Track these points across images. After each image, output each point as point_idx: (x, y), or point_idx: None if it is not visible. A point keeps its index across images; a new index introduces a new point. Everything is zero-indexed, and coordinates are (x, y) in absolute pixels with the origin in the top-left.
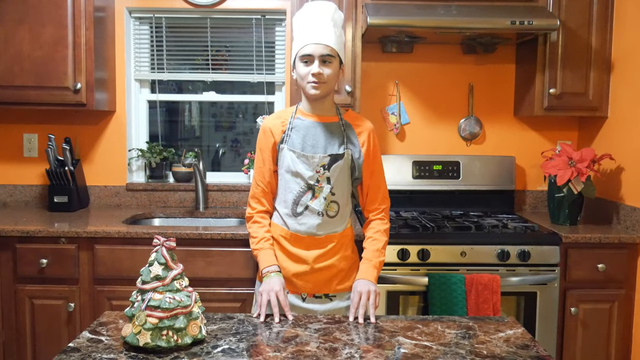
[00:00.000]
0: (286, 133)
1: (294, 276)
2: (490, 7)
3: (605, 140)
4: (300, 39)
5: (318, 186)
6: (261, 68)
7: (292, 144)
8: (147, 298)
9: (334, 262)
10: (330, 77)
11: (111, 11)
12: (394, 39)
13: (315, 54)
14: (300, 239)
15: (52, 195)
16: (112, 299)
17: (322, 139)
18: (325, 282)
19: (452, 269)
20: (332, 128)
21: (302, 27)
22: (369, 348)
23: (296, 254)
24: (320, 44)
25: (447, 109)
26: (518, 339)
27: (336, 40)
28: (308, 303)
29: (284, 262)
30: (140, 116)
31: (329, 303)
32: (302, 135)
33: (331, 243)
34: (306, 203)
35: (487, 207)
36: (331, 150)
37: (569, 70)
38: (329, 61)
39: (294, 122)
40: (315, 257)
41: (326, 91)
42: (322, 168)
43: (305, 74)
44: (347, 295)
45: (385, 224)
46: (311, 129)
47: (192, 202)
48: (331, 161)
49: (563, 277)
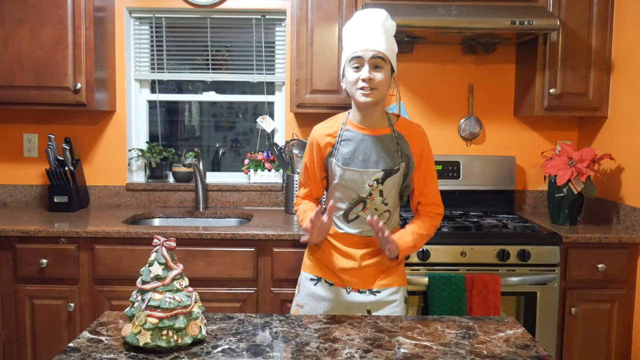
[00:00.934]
0: (335, 146)
1: (341, 271)
2: (490, 7)
3: (605, 140)
4: (351, 44)
5: (370, 199)
6: (261, 68)
7: (341, 158)
8: (147, 298)
9: (381, 259)
10: (382, 83)
11: (111, 11)
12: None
13: (365, 57)
14: (349, 238)
15: (52, 195)
16: (112, 299)
17: (374, 153)
18: (370, 277)
19: (452, 269)
20: (385, 141)
21: (353, 34)
22: (369, 348)
23: (345, 250)
24: (371, 48)
25: (447, 109)
26: (518, 339)
27: (388, 47)
28: (352, 296)
29: (331, 257)
30: (140, 116)
31: (372, 297)
32: (352, 149)
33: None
34: (357, 213)
35: (487, 207)
36: (385, 165)
37: (569, 70)
38: (380, 66)
39: (343, 134)
40: (363, 254)
41: (377, 98)
42: (376, 182)
43: (354, 79)
44: (391, 290)
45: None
46: (362, 142)
47: (192, 202)
48: (385, 175)
49: (563, 277)
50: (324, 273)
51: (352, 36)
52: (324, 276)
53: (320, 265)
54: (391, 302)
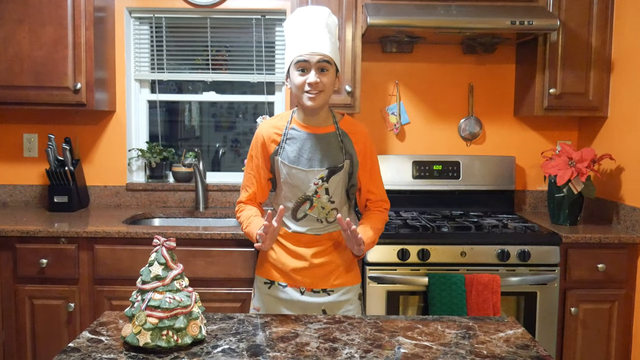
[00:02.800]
0: (280, 145)
1: (293, 271)
2: (490, 7)
3: (605, 140)
4: (295, 46)
5: (316, 197)
6: (261, 68)
7: (286, 156)
8: (147, 298)
9: (332, 258)
10: (328, 86)
11: (111, 11)
12: (394, 39)
13: (311, 61)
14: (299, 237)
15: (52, 195)
16: (112, 299)
17: (318, 152)
18: (323, 277)
19: (452, 269)
20: (329, 139)
21: (296, 34)
22: (369, 348)
23: (295, 250)
24: (317, 52)
25: (447, 109)
26: (518, 339)
27: (332, 48)
28: (306, 296)
29: (282, 258)
30: (140, 116)
31: (327, 297)
32: (297, 148)
33: (330, 241)
34: (305, 212)
35: (487, 207)
36: (329, 164)
37: (569, 70)
38: (326, 69)
39: (289, 133)
40: (314, 253)
41: (324, 100)
42: (321, 180)
43: (301, 83)
44: (345, 290)
45: (385, 215)
46: (307, 141)
47: (192, 202)
48: (329, 173)
49: (563, 277)
50: (276, 275)
51: (296, 37)
52: (277, 279)
53: (273, 267)
54: (346, 302)
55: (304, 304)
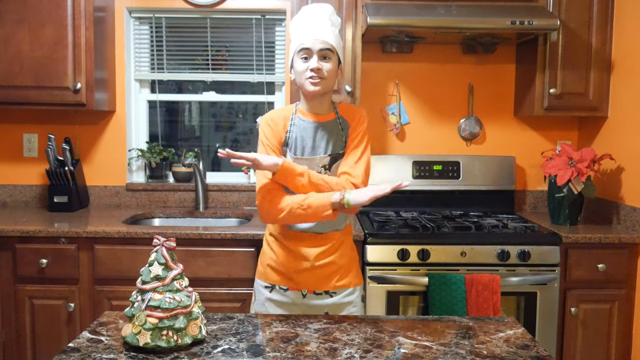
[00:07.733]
0: (288, 134)
1: (295, 273)
2: (490, 7)
3: (606, 140)
4: (299, 36)
5: None
6: (261, 68)
7: (292, 145)
8: (147, 298)
9: (335, 259)
10: (330, 73)
11: (111, 11)
12: (394, 39)
13: (314, 48)
14: (301, 236)
15: (52, 195)
16: (112, 299)
17: (322, 140)
18: (325, 278)
19: (452, 269)
20: (331, 127)
21: (300, 27)
22: (369, 348)
23: (297, 251)
24: (319, 39)
25: (447, 109)
26: (518, 339)
27: (335, 39)
28: (308, 299)
29: (284, 259)
30: (140, 116)
31: (330, 299)
32: (301, 137)
33: (332, 240)
34: None
35: (487, 207)
36: (331, 150)
37: (569, 70)
38: (328, 57)
39: (295, 123)
40: (317, 254)
41: (325, 88)
42: (323, 168)
43: (303, 69)
44: (348, 291)
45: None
46: (311, 130)
47: (192, 202)
48: (332, 161)
49: (563, 277)
50: (277, 279)
51: (300, 29)
52: (278, 282)
53: (273, 270)
54: (348, 304)
55: (306, 307)
